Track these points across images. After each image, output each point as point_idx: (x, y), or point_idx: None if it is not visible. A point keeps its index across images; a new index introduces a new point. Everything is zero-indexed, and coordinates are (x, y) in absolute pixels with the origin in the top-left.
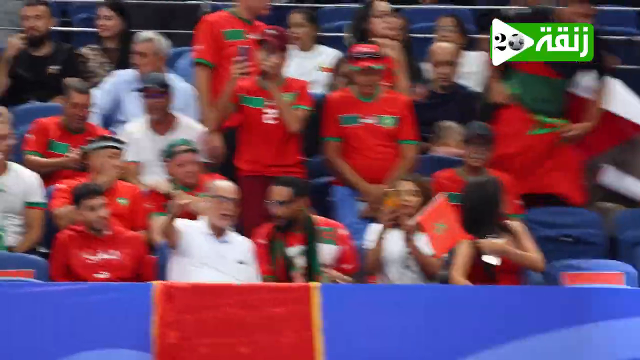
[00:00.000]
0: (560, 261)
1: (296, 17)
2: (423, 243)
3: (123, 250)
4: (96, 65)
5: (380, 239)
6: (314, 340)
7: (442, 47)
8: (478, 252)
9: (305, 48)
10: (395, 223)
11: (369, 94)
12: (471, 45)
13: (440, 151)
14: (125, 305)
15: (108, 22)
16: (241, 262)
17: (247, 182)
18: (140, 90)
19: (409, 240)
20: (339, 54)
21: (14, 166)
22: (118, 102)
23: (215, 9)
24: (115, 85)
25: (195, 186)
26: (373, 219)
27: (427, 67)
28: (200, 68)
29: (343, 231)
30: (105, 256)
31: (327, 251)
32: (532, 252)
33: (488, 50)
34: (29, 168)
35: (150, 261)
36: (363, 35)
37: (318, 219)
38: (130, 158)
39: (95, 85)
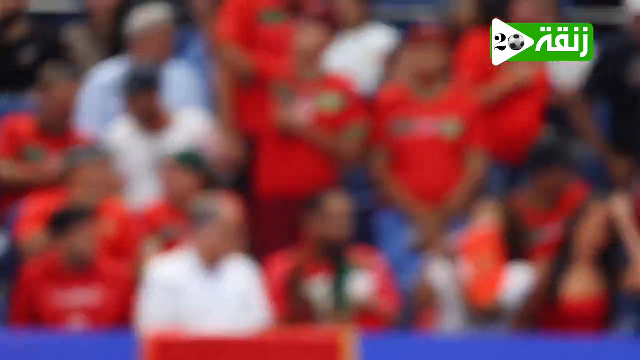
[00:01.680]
0: None
1: None
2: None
3: (106, 289)
4: (84, 51)
5: (430, 267)
6: None
7: None
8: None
9: (352, 27)
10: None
11: (429, 88)
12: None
13: None
14: None
15: None
16: (242, 299)
17: (268, 205)
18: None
19: (450, 264)
20: (395, 35)
21: None
22: (106, 101)
23: None
24: (103, 79)
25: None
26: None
27: None
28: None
29: (380, 259)
30: (83, 297)
31: (360, 285)
32: None
33: None
34: None
35: (138, 303)
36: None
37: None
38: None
39: (82, 77)
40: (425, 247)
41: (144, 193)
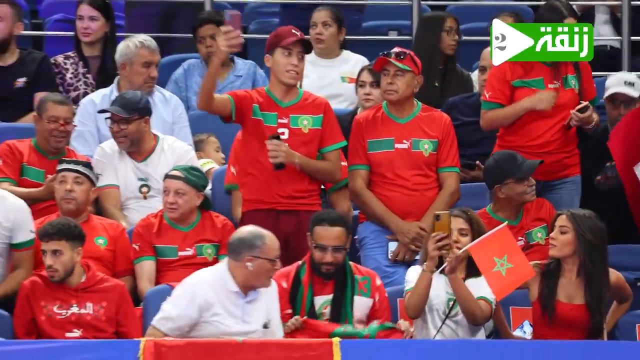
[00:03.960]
0: (636, 311)
1: (321, 15)
2: (472, 283)
3: (100, 302)
4: (74, 77)
5: (425, 278)
6: None
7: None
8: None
9: (327, 54)
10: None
11: (402, 111)
12: None
13: None
14: None
15: (92, 24)
16: (266, 326)
17: (252, 216)
18: (102, 112)
19: (452, 276)
20: (365, 61)
21: None
22: (97, 125)
23: (219, 7)
24: (94, 103)
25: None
26: (406, 262)
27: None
28: None
29: (379, 281)
30: (78, 310)
31: (360, 304)
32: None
33: None
34: None
35: (134, 315)
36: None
37: (353, 266)
38: (109, 181)
39: (73, 102)
40: (404, 259)
41: (133, 212)
